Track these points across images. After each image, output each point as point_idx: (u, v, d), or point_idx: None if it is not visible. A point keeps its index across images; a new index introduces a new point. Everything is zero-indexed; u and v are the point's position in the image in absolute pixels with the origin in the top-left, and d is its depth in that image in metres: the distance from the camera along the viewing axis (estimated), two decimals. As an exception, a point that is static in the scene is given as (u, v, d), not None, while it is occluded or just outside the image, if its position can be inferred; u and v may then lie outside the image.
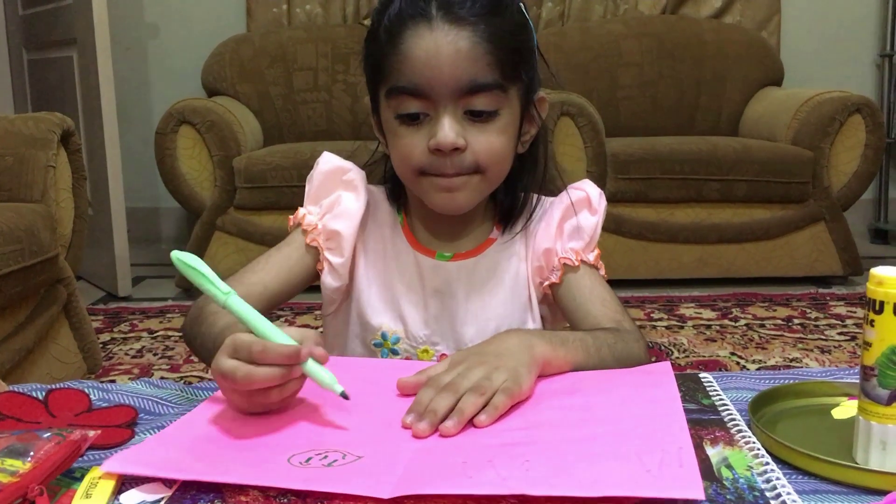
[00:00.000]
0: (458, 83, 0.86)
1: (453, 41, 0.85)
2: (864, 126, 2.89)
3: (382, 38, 0.88)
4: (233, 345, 0.68)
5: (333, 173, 0.99)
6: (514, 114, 0.91)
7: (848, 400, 0.73)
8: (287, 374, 0.67)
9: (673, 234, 2.93)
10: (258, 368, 0.66)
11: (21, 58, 3.43)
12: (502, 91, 0.88)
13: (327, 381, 0.68)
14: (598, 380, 0.78)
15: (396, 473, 0.59)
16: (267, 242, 2.81)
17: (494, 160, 0.91)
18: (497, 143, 0.90)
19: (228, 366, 0.67)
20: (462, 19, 0.85)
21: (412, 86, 0.87)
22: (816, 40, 3.74)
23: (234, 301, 0.71)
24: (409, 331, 0.99)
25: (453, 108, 0.87)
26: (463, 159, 0.89)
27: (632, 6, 3.60)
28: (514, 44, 0.89)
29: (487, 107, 0.88)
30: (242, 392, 0.68)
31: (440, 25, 0.85)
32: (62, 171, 1.93)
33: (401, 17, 0.87)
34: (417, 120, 0.88)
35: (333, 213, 0.98)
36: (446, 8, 0.85)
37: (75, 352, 1.97)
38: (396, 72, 0.87)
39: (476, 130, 0.88)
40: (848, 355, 2.21)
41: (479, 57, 0.85)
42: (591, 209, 0.99)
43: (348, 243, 0.97)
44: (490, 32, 0.86)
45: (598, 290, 0.97)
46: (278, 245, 1.00)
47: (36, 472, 0.57)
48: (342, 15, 3.56)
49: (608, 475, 0.57)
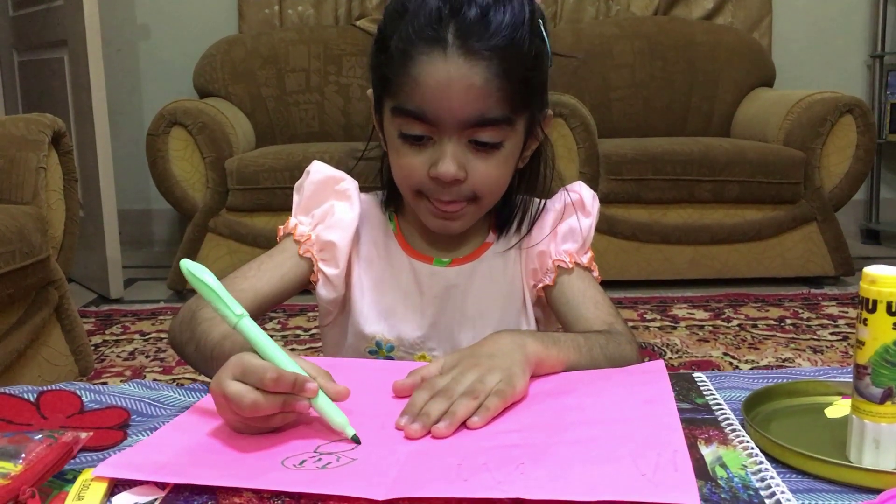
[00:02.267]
0: (466, 116, 0.84)
1: (466, 76, 0.82)
2: (856, 127, 2.90)
3: (394, 54, 0.85)
4: (241, 367, 0.65)
5: (325, 183, 0.98)
6: (518, 141, 0.91)
7: (841, 399, 0.74)
8: (291, 405, 0.65)
9: (665, 235, 2.93)
10: (266, 397, 0.63)
11: (12, 59, 3.42)
12: (509, 124, 0.87)
13: (339, 423, 0.66)
14: (592, 379, 0.78)
15: (391, 475, 0.59)
16: (259, 244, 2.80)
17: (491, 189, 0.91)
18: (496, 173, 0.89)
19: (234, 389, 0.64)
20: (477, 53, 0.82)
21: (419, 111, 0.85)
22: (808, 41, 3.76)
23: (246, 323, 0.68)
24: (403, 338, 0.99)
25: (458, 138, 0.86)
26: (461, 189, 0.89)
27: (624, 7, 3.60)
28: (528, 77, 0.86)
29: (493, 139, 0.87)
30: (242, 416, 0.65)
31: (455, 57, 0.82)
32: (53, 173, 1.92)
33: (415, 37, 0.83)
34: (421, 141, 0.87)
35: (326, 224, 0.97)
36: (463, 38, 0.82)
37: (67, 354, 1.96)
38: (405, 94, 0.85)
39: (478, 160, 0.87)
40: (840, 355, 2.21)
41: (491, 93, 0.83)
42: (585, 211, 0.99)
43: (343, 254, 0.96)
44: (504, 68, 0.83)
45: (591, 292, 0.97)
46: (269, 252, 0.99)
47: (27, 474, 0.57)
48: (334, 16, 3.56)
49: (603, 479, 0.57)
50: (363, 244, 1.01)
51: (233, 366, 0.66)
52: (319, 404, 0.66)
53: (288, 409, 0.65)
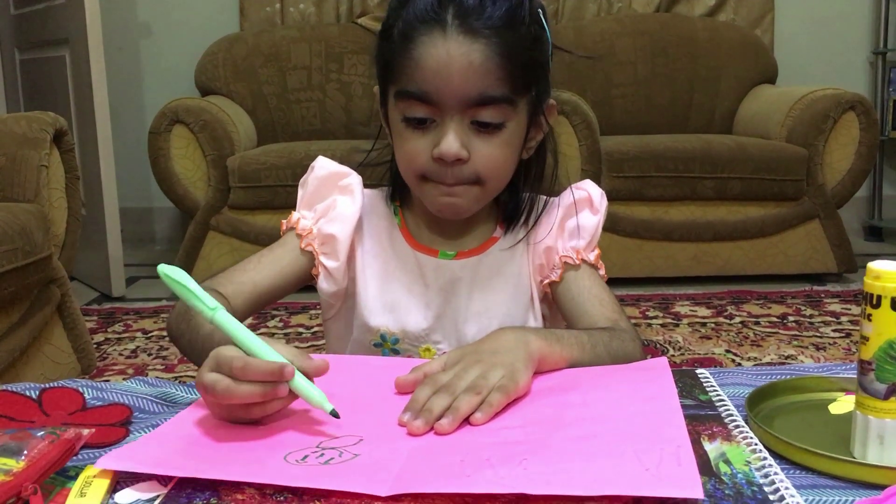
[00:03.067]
0: (467, 95, 0.85)
1: (466, 53, 0.84)
2: (858, 123, 2.89)
3: (396, 38, 0.87)
4: (216, 359, 0.67)
5: (329, 178, 0.99)
6: (520, 124, 0.91)
7: (845, 395, 0.73)
8: (271, 393, 0.65)
9: (668, 232, 2.93)
10: (239, 384, 0.64)
11: (13, 57, 3.42)
12: (510, 105, 0.88)
13: (317, 399, 0.67)
14: (595, 376, 0.78)
15: (394, 471, 0.59)
16: (261, 242, 2.80)
17: (495, 173, 0.91)
18: (500, 155, 0.90)
19: (209, 378, 0.66)
20: (476, 31, 0.84)
21: (421, 92, 0.86)
22: (810, 38, 3.75)
23: (221, 316, 0.70)
24: (408, 331, 0.99)
25: (460, 118, 0.87)
26: (463, 170, 0.89)
27: (626, 4, 3.60)
28: (527, 58, 0.88)
29: (494, 119, 0.87)
30: (223, 405, 0.67)
31: (454, 36, 0.84)
32: (55, 171, 1.92)
33: (416, 20, 0.85)
34: (424, 124, 0.88)
35: (328, 218, 0.98)
36: (462, 17, 0.84)
37: (69, 352, 1.96)
38: (407, 76, 0.87)
39: (480, 141, 0.88)
40: (843, 352, 2.21)
41: (491, 71, 0.85)
42: (593, 209, 1.00)
43: (344, 246, 0.97)
44: (504, 46, 0.85)
45: (597, 289, 0.97)
46: (270, 246, 1.00)
47: (30, 471, 0.57)
48: (335, 14, 3.56)
49: (606, 474, 0.57)
50: (368, 237, 1.01)
51: (211, 358, 0.67)
52: (296, 383, 0.66)
53: (270, 396, 0.65)
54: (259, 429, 0.67)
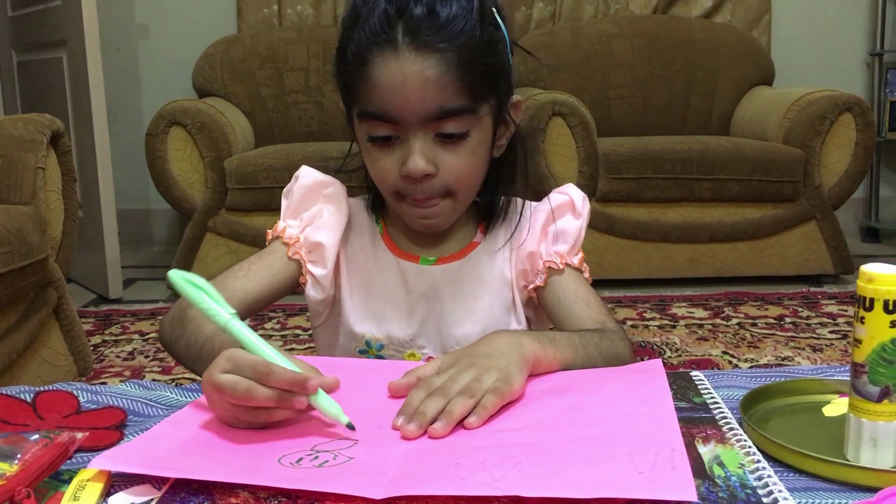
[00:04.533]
0: (426, 111, 0.85)
1: (420, 70, 0.83)
2: (855, 125, 2.90)
3: (350, 60, 0.87)
4: (232, 361, 0.66)
5: (314, 187, 1.00)
6: (485, 129, 0.91)
7: (839, 397, 0.74)
8: (287, 402, 0.65)
9: (665, 234, 2.93)
10: (261, 388, 0.65)
11: (10, 59, 3.42)
12: (472, 113, 0.87)
13: (333, 413, 0.67)
14: (590, 378, 0.78)
15: (388, 474, 0.59)
16: (258, 244, 2.78)
17: (465, 183, 0.92)
18: (467, 164, 0.90)
19: (227, 379, 0.65)
20: (429, 46, 0.83)
21: (381, 113, 0.86)
22: (807, 39, 3.75)
23: (237, 324, 0.70)
24: (393, 337, 1.00)
25: (423, 133, 0.87)
26: (434, 184, 0.89)
27: (623, 6, 3.60)
28: (485, 65, 0.87)
29: (458, 129, 0.87)
30: (235, 406, 0.66)
31: (406, 54, 0.83)
32: (52, 173, 1.92)
33: (367, 42, 0.85)
34: (389, 142, 0.88)
35: (315, 226, 0.98)
36: (413, 34, 0.83)
37: (66, 354, 1.95)
38: (366, 97, 0.87)
39: (447, 153, 0.88)
40: (839, 353, 2.21)
41: (448, 84, 0.84)
42: (575, 213, 1.00)
43: (331, 254, 0.98)
44: (458, 57, 0.84)
45: (583, 292, 0.98)
46: (259, 253, 1.00)
47: (23, 475, 0.57)
48: (333, 16, 3.56)
49: (601, 476, 0.57)
50: (351, 246, 1.01)
51: (224, 360, 0.67)
52: (317, 399, 0.67)
53: (284, 405, 0.65)
54: (254, 431, 0.67)
